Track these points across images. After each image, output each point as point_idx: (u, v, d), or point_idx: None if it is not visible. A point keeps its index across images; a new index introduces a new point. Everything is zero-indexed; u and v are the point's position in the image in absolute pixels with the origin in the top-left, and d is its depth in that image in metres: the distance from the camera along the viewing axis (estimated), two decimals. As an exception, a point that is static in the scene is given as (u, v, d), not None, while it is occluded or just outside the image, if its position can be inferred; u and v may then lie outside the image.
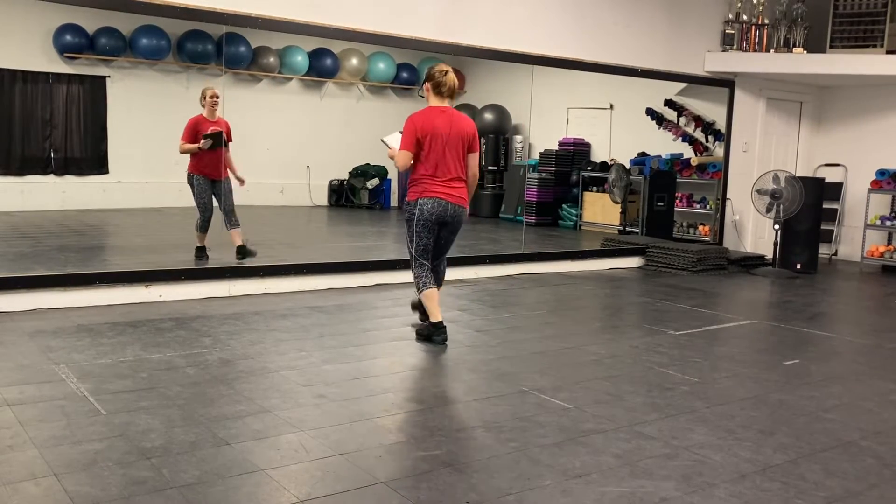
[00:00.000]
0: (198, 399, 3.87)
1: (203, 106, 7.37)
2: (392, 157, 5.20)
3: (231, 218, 7.48)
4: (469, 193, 5.20)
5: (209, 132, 7.25)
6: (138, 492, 2.84)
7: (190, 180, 7.40)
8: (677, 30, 9.28)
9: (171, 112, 10.89)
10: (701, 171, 10.63)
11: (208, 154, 7.30)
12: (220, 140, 7.30)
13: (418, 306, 5.42)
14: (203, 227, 7.43)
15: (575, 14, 8.41)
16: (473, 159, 5.20)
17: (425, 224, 5.08)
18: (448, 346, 5.10)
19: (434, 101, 5.14)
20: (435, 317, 5.19)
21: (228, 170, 7.50)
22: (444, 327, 5.19)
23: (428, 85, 5.14)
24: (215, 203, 7.47)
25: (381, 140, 5.35)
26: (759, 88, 10.09)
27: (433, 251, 5.23)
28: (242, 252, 7.35)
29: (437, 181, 5.04)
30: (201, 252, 7.47)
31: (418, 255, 5.17)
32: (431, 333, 5.20)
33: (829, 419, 4.00)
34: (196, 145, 7.22)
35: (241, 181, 7.59)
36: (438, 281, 5.33)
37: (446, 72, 5.10)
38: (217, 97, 7.32)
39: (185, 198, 7.50)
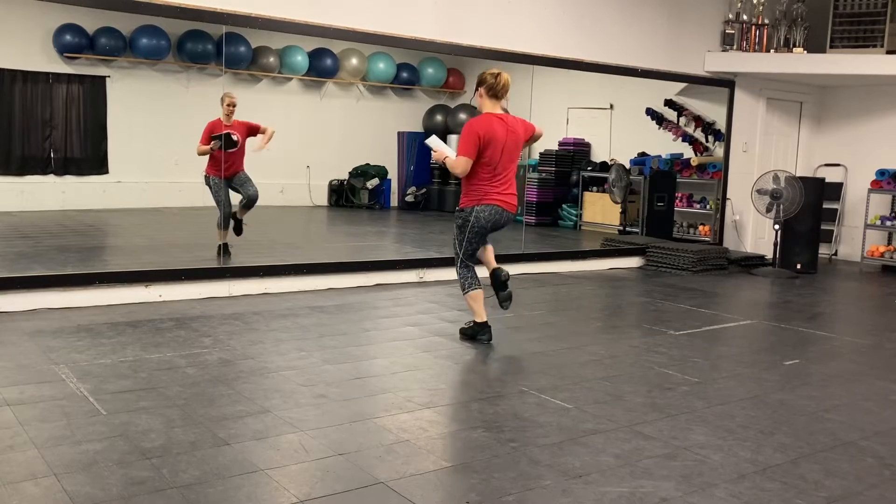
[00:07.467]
0: (198, 399, 3.87)
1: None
2: (438, 161, 5.18)
3: (249, 204, 7.74)
4: (534, 139, 5.34)
5: (217, 134, 7.50)
6: (138, 492, 2.84)
7: (207, 181, 7.70)
8: (677, 30, 9.28)
9: (171, 112, 10.93)
10: (701, 171, 10.63)
11: (219, 156, 7.57)
12: (230, 140, 7.53)
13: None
14: (223, 223, 7.68)
15: (575, 14, 8.41)
16: (535, 129, 5.26)
17: (479, 231, 5.10)
18: (448, 347, 5.10)
19: (489, 107, 5.06)
20: (480, 316, 5.24)
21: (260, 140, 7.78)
22: (490, 327, 5.25)
23: (482, 90, 5.05)
24: (233, 200, 7.72)
25: (425, 143, 5.36)
26: (759, 88, 10.09)
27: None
28: (239, 226, 7.74)
29: (495, 189, 5.03)
30: (225, 249, 7.61)
31: (466, 258, 5.21)
32: (476, 332, 5.25)
33: (829, 419, 4.00)
34: (209, 147, 7.46)
35: (264, 143, 7.83)
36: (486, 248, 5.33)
37: (498, 73, 5.03)
38: (233, 105, 7.55)
39: (185, 198, 7.55)
